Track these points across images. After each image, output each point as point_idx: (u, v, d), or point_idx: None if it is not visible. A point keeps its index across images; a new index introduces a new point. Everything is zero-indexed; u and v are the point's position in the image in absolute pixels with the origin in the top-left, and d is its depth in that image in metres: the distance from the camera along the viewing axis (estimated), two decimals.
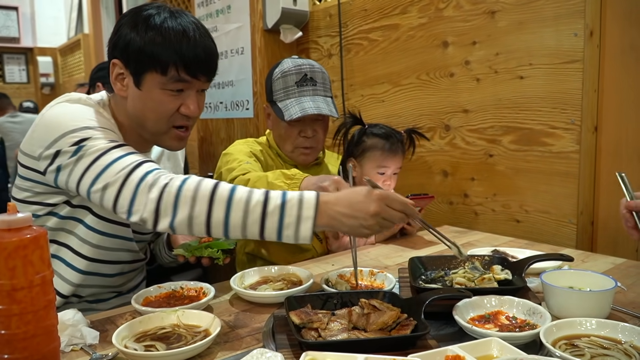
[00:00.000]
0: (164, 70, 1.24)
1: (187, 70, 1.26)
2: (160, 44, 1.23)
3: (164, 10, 1.29)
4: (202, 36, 1.29)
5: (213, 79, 1.37)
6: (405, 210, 1.12)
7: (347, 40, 2.54)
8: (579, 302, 1.04)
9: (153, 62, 1.24)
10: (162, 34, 1.24)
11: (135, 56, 1.25)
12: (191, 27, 1.27)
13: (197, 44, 1.26)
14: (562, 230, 1.79)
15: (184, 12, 1.32)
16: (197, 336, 0.98)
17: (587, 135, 1.71)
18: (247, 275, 1.34)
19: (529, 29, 1.81)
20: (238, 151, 1.77)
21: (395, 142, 1.84)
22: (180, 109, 1.30)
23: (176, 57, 1.24)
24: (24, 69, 8.05)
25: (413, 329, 0.95)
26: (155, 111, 1.29)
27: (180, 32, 1.25)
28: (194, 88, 1.31)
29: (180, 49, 1.24)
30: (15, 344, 0.79)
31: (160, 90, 1.27)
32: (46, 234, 0.82)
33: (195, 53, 1.26)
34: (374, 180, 1.76)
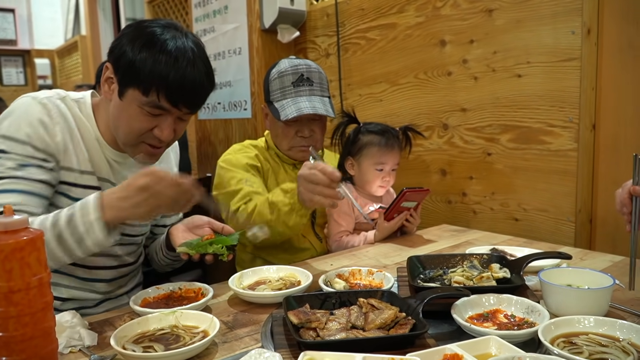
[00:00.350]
0: (146, 92, 1.22)
1: (168, 98, 1.24)
2: (149, 66, 1.21)
3: (169, 30, 1.26)
4: (195, 66, 1.25)
5: (197, 110, 1.35)
6: (177, 185, 1.15)
7: (345, 40, 2.54)
8: (577, 300, 1.04)
9: (137, 80, 1.22)
10: (154, 56, 1.21)
11: (124, 68, 1.24)
12: (187, 54, 1.24)
13: (185, 75, 1.23)
14: (561, 228, 1.79)
15: (188, 35, 1.30)
16: (196, 337, 0.98)
17: (585, 133, 1.71)
18: (245, 275, 1.34)
19: (526, 27, 1.81)
20: (235, 165, 1.76)
21: (391, 138, 1.84)
22: (153, 130, 1.28)
23: (160, 83, 1.21)
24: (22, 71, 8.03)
25: (411, 328, 0.95)
26: (128, 125, 1.28)
27: (172, 59, 1.22)
28: (173, 115, 1.28)
29: (166, 76, 1.21)
30: (12, 346, 0.79)
31: (138, 107, 1.25)
32: (43, 235, 0.82)
33: (181, 83, 1.23)
34: (373, 176, 1.77)
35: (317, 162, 1.40)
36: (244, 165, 1.76)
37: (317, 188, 1.37)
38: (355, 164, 1.86)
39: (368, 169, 1.83)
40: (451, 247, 1.68)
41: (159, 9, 4.07)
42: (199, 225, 1.43)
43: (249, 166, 1.77)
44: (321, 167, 1.37)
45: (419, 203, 1.82)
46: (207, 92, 1.32)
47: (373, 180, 1.83)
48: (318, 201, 1.38)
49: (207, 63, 1.32)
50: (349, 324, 0.98)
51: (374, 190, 1.85)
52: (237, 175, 1.73)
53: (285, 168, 1.85)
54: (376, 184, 1.84)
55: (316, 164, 1.40)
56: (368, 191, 1.86)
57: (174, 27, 1.29)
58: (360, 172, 1.85)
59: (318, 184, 1.36)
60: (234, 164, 1.77)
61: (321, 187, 1.36)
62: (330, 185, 1.36)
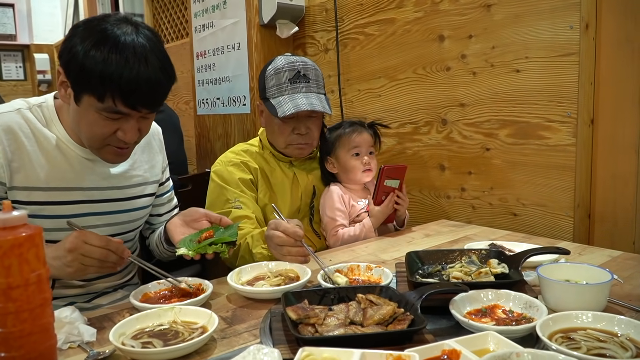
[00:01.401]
0: (100, 98, 1.17)
1: (125, 102, 1.18)
2: (100, 71, 1.14)
3: (119, 26, 1.19)
4: (148, 63, 1.18)
5: (159, 108, 1.30)
6: (106, 246, 1.17)
7: (343, 35, 2.54)
8: (575, 295, 1.04)
9: (90, 86, 1.17)
10: (104, 59, 1.14)
11: (75, 73, 1.18)
12: (138, 50, 1.17)
13: (139, 75, 1.16)
14: (559, 223, 1.80)
15: (140, 29, 1.22)
16: (195, 332, 0.98)
17: (584, 128, 1.71)
18: (244, 271, 1.34)
19: (525, 22, 1.80)
20: (227, 181, 1.77)
21: (354, 124, 1.88)
22: (116, 132, 1.25)
23: (113, 87, 1.16)
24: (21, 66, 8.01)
25: (410, 324, 0.95)
26: (89, 130, 1.25)
27: (123, 59, 1.15)
28: (134, 116, 1.24)
29: (119, 79, 1.15)
30: (11, 342, 0.79)
31: (96, 112, 1.21)
32: (42, 231, 0.82)
33: (136, 85, 1.17)
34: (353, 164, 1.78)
35: (278, 221, 1.42)
36: (236, 182, 1.76)
37: (284, 249, 1.39)
38: (334, 160, 1.87)
39: (346, 158, 1.84)
40: (450, 243, 1.69)
41: (158, 4, 4.07)
42: (196, 218, 1.42)
43: (241, 181, 1.77)
44: (283, 228, 1.39)
45: (402, 181, 1.84)
46: (166, 88, 1.26)
47: (354, 167, 1.84)
48: (289, 260, 1.40)
49: (163, 56, 1.24)
50: (347, 320, 0.98)
51: (360, 178, 1.86)
52: (227, 194, 1.75)
53: (281, 166, 1.85)
54: (359, 170, 1.84)
55: (278, 223, 1.41)
56: (355, 181, 1.87)
57: (126, 21, 1.22)
58: (340, 165, 1.86)
59: (284, 245, 1.38)
60: (226, 179, 1.77)
61: (287, 247, 1.38)
62: (295, 244, 1.38)
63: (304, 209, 1.87)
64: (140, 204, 1.51)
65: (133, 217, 1.51)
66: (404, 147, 2.30)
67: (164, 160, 1.63)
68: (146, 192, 1.53)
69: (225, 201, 1.75)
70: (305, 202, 1.87)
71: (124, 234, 1.49)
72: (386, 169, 1.77)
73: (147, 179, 1.53)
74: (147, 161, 1.55)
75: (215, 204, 1.76)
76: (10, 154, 1.26)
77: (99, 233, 1.39)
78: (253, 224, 1.72)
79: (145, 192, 1.53)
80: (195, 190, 2.45)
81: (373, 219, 1.80)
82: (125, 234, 1.50)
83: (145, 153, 1.55)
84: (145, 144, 1.55)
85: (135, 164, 1.50)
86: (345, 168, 1.85)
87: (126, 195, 1.47)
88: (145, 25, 1.26)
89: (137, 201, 1.50)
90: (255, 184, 1.81)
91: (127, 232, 1.50)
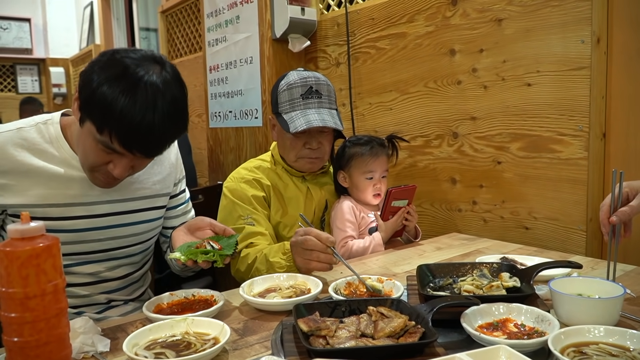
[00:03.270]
0: (99, 130, 1.17)
1: (121, 143, 1.17)
2: (106, 105, 1.13)
3: (144, 65, 1.18)
4: (155, 109, 1.16)
5: (156, 156, 1.29)
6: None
7: (355, 49, 2.56)
8: (587, 309, 1.03)
9: (93, 116, 1.17)
10: (113, 94, 1.13)
11: (85, 97, 1.18)
12: (149, 94, 1.15)
13: (142, 123, 1.14)
14: (572, 237, 1.79)
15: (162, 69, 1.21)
16: (207, 344, 0.99)
17: (595, 141, 1.71)
18: (255, 283, 1.35)
19: (535, 36, 1.81)
20: (240, 198, 1.77)
21: (375, 146, 1.86)
22: (108, 164, 1.25)
23: (113, 125, 1.15)
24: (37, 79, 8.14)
25: (421, 337, 0.95)
26: (84, 154, 1.26)
27: (131, 101, 1.13)
28: (129, 157, 1.23)
29: (120, 121, 1.14)
30: (27, 351, 0.81)
31: (94, 141, 1.20)
32: (59, 242, 0.84)
33: (137, 132, 1.15)
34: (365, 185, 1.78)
35: (309, 228, 1.43)
36: (249, 199, 1.77)
37: (314, 254, 1.39)
38: (346, 176, 1.88)
39: (359, 179, 1.85)
40: (461, 256, 1.68)
41: (172, 19, 4.13)
42: (200, 227, 1.41)
43: (254, 198, 1.77)
44: (315, 233, 1.39)
45: (410, 200, 1.84)
46: (168, 137, 1.23)
47: (365, 189, 1.85)
48: (314, 267, 1.40)
49: (175, 102, 1.21)
50: (358, 332, 0.98)
51: (369, 199, 1.87)
52: (239, 210, 1.76)
53: (294, 181, 1.86)
54: (369, 193, 1.85)
55: (309, 229, 1.42)
56: (363, 201, 1.88)
57: (152, 59, 1.21)
58: (352, 183, 1.87)
59: (314, 250, 1.39)
60: (238, 195, 1.78)
61: (317, 252, 1.39)
62: (325, 250, 1.38)
63: (315, 223, 1.88)
64: (148, 216, 1.50)
65: (140, 230, 1.49)
66: (415, 161, 2.31)
67: (178, 173, 1.61)
68: (156, 204, 1.52)
69: (237, 217, 1.75)
70: (317, 216, 1.88)
71: (130, 246, 1.48)
72: (393, 192, 1.77)
73: (158, 192, 1.52)
74: (157, 173, 1.53)
75: (228, 220, 1.76)
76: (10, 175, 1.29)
77: (103, 247, 1.41)
78: (267, 240, 1.72)
79: (155, 204, 1.51)
80: (207, 202, 2.47)
81: (383, 234, 1.81)
82: (132, 247, 1.49)
83: (156, 166, 1.53)
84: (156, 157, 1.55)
85: (141, 176, 1.47)
86: (357, 187, 1.86)
87: (130, 209, 1.45)
88: (170, 66, 1.25)
89: (144, 214, 1.49)
90: (267, 201, 1.81)
91: (134, 244, 1.49)
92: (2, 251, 0.79)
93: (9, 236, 0.81)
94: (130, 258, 1.51)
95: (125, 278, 1.52)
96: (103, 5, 6.56)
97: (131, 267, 1.53)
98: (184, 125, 1.26)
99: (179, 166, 1.63)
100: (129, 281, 1.54)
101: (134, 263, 1.54)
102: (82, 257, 1.40)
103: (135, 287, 1.58)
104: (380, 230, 1.82)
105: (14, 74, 8.02)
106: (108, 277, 1.47)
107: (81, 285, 1.43)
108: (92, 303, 1.47)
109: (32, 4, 7.90)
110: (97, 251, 1.41)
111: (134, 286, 1.57)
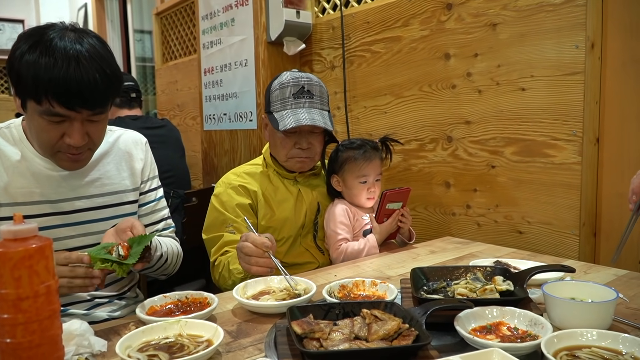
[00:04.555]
0: (38, 100, 1.19)
1: (60, 102, 1.19)
2: (32, 73, 1.17)
3: (61, 32, 1.21)
4: (79, 65, 1.19)
5: (104, 110, 1.29)
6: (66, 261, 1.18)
7: (350, 52, 2.56)
8: (580, 313, 1.04)
9: (26, 90, 1.20)
10: (34, 60, 1.17)
11: (15, 79, 1.21)
12: (70, 54, 1.19)
13: (68, 75, 1.17)
14: (565, 241, 1.79)
15: (86, 36, 1.24)
16: (200, 346, 0.98)
17: (589, 146, 1.72)
18: (249, 285, 1.35)
19: (530, 41, 1.82)
20: (225, 206, 1.78)
21: (368, 150, 1.86)
22: (63, 137, 1.26)
23: (46, 88, 1.17)
24: None
25: (414, 339, 0.95)
26: (38, 137, 1.28)
27: (52, 61, 1.17)
28: (77, 119, 1.24)
29: (49, 80, 1.16)
30: (20, 352, 0.80)
31: (40, 117, 1.22)
32: (51, 243, 0.83)
33: (67, 85, 1.17)
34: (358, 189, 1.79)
35: (247, 233, 1.44)
36: (233, 207, 1.77)
37: (252, 259, 1.40)
38: (340, 180, 1.88)
39: (353, 183, 1.85)
40: (455, 260, 1.69)
41: (167, 21, 4.12)
42: (123, 228, 1.34)
43: (238, 207, 1.78)
44: (252, 239, 1.41)
45: (405, 203, 1.86)
46: (102, 89, 1.23)
47: (359, 193, 1.85)
48: (255, 271, 1.41)
49: (100, 58, 1.23)
50: (352, 335, 0.98)
51: (363, 203, 1.87)
52: (222, 217, 1.77)
53: (285, 184, 1.86)
54: (363, 197, 1.86)
55: (247, 235, 1.44)
56: (357, 204, 1.88)
57: (71, 29, 1.24)
58: (346, 187, 1.87)
59: (252, 256, 1.40)
60: (223, 203, 1.79)
61: (255, 258, 1.40)
62: (262, 255, 1.39)
63: (307, 225, 1.88)
64: (119, 212, 1.51)
65: (111, 226, 1.45)
66: (410, 164, 2.31)
67: (150, 171, 1.62)
68: (127, 199, 1.53)
69: (221, 224, 1.77)
70: (309, 218, 1.88)
71: None
72: (388, 194, 1.79)
73: (127, 187, 1.54)
74: (126, 169, 1.55)
75: (212, 226, 1.79)
76: None
77: (75, 243, 1.42)
78: None
79: (125, 199, 1.53)
80: (200, 205, 2.47)
81: (377, 236, 1.81)
82: None
83: (124, 161, 1.55)
84: (124, 152, 1.56)
85: (108, 172, 1.50)
86: (351, 192, 1.87)
87: (98, 204, 1.47)
88: (93, 34, 1.28)
89: (115, 209, 1.49)
90: (254, 209, 1.81)
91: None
92: None
93: (1, 237, 0.80)
94: None
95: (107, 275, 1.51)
96: (97, 7, 6.54)
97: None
98: (115, 77, 1.27)
99: (151, 164, 1.64)
100: (113, 278, 1.53)
101: None
102: None
103: (120, 285, 1.57)
104: (374, 232, 1.82)
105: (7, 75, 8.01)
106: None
107: None
108: (76, 301, 1.46)
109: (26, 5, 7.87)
110: (72, 249, 1.40)
111: (119, 284, 1.57)
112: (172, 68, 4.11)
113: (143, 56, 6.02)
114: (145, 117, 3.09)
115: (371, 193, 1.86)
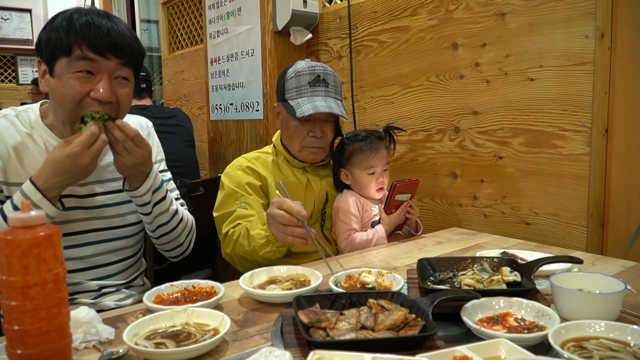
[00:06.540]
0: (68, 51, 1.27)
1: (90, 47, 1.27)
2: (64, 29, 1.26)
3: (89, 12, 1.31)
4: (113, 21, 1.31)
5: (131, 65, 1.36)
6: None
7: (357, 42, 2.55)
8: (588, 304, 1.03)
9: (58, 46, 1.27)
10: (67, 21, 1.27)
11: (45, 45, 1.29)
12: (101, 12, 1.31)
13: (101, 27, 1.27)
14: (572, 232, 1.79)
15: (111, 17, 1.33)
16: (207, 334, 0.99)
17: (598, 137, 1.71)
18: (256, 275, 1.35)
19: (539, 30, 1.80)
20: (236, 184, 1.78)
21: (374, 141, 1.85)
22: (90, 93, 1.30)
23: (78, 37, 1.26)
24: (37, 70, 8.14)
25: (421, 330, 0.95)
26: (64, 97, 1.30)
27: (87, 22, 1.27)
28: (104, 71, 1.30)
29: (82, 31, 1.26)
30: (28, 340, 0.81)
31: (69, 74, 1.28)
32: (59, 231, 0.84)
33: (99, 30, 1.27)
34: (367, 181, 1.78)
35: (282, 199, 1.42)
36: (243, 186, 1.77)
37: (287, 229, 1.39)
38: (348, 173, 1.88)
39: (361, 176, 1.84)
40: (461, 251, 1.68)
41: (173, 11, 4.11)
42: None
43: (249, 185, 1.78)
44: (287, 207, 1.39)
45: (413, 194, 1.85)
46: (129, 40, 1.33)
47: (368, 184, 1.85)
48: (291, 241, 1.40)
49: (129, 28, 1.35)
50: (358, 325, 0.98)
51: (373, 195, 1.87)
52: (234, 194, 1.76)
53: (294, 172, 1.86)
54: (372, 188, 1.85)
55: (282, 202, 1.41)
56: (367, 195, 1.88)
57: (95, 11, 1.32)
58: (355, 179, 1.86)
59: (287, 225, 1.38)
60: (235, 181, 1.79)
61: (290, 227, 1.39)
62: (298, 224, 1.38)
63: (315, 215, 1.88)
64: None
65: (125, 211, 1.52)
66: (416, 155, 2.30)
67: (156, 154, 1.65)
68: None
69: (233, 200, 1.76)
70: (317, 207, 1.88)
71: (117, 228, 1.51)
72: (398, 185, 1.78)
73: None
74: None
75: (224, 203, 1.78)
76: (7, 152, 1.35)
77: (89, 226, 1.46)
78: None
79: None
80: (207, 194, 2.47)
81: (386, 227, 1.81)
82: (121, 229, 1.52)
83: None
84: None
85: None
86: (359, 184, 1.86)
87: (110, 189, 1.50)
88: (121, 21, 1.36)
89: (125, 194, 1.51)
90: (264, 191, 1.82)
91: (121, 226, 1.52)
92: (3, 240, 0.79)
93: (9, 224, 0.81)
94: (120, 241, 1.53)
95: (118, 264, 1.54)
96: None
97: (122, 252, 1.55)
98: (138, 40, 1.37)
99: (157, 147, 1.67)
100: (121, 267, 1.56)
101: (124, 248, 1.56)
102: (72, 238, 1.43)
103: (128, 273, 1.59)
104: (383, 223, 1.82)
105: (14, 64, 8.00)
106: (99, 263, 1.50)
107: (73, 272, 1.45)
108: (84, 290, 1.48)
109: None
110: (85, 231, 1.44)
111: (126, 273, 1.58)
112: (178, 58, 4.10)
113: (150, 46, 6.02)
114: (152, 107, 3.10)
115: (380, 184, 1.86)
